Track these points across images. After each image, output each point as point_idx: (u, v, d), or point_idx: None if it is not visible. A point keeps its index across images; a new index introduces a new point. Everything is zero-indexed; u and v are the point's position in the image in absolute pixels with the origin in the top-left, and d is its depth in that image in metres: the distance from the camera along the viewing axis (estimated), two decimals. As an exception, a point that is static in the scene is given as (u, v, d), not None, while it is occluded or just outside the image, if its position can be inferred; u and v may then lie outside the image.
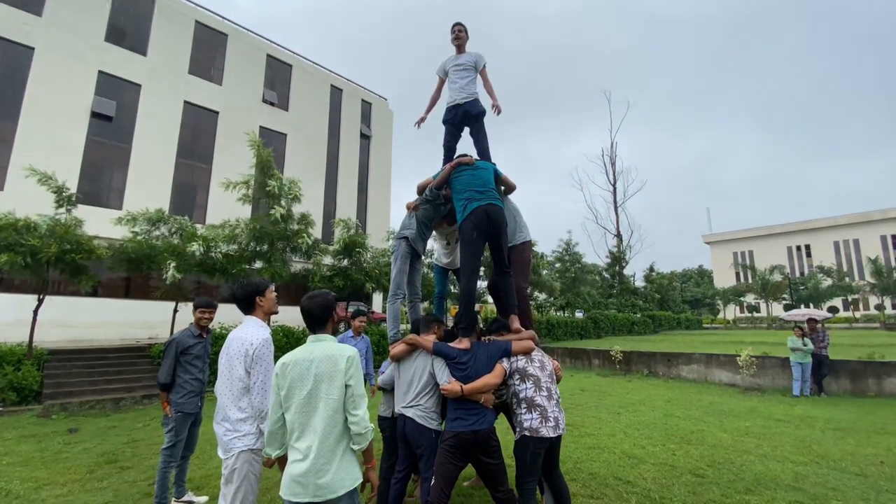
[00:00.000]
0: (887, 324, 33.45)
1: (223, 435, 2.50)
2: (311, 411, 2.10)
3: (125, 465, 5.14)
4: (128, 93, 17.70)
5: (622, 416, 7.44)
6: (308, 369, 2.13)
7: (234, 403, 2.50)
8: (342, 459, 2.10)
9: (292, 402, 2.12)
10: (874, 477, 4.44)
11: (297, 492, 2.05)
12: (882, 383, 9.00)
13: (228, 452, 2.46)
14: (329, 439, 2.08)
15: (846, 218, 54.16)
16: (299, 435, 2.11)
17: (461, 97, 4.24)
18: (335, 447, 2.09)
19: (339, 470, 2.08)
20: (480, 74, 4.32)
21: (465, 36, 4.37)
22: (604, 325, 26.28)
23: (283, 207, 12.12)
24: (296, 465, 2.07)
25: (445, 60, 4.44)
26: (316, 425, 2.08)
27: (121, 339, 14.28)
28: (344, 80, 26.60)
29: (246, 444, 2.47)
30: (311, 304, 2.27)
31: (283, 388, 2.14)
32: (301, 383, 2.12)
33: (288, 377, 2.14)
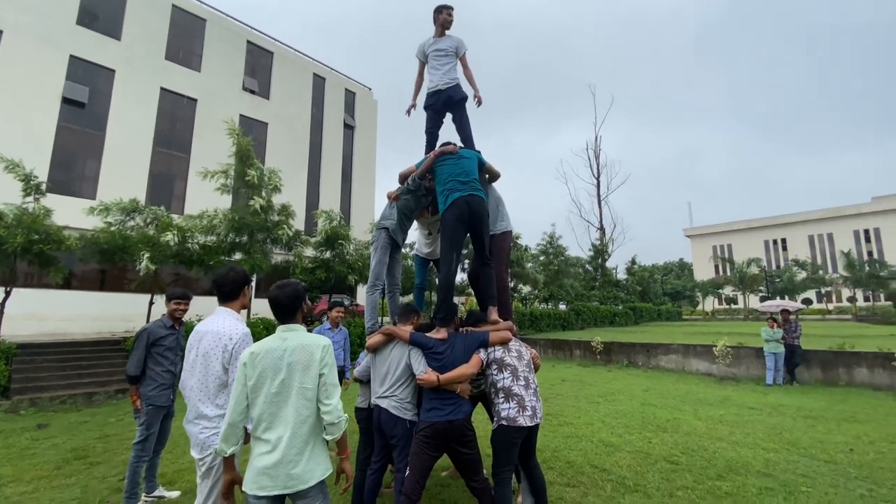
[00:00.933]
0: (859, 315, 34.61)
1: (199, 433, 2.39)
2: (282, 401, 2.06)
3: (95, 460, 5.00)
4: (101, 78, 17.10)
5: (601, 405, 7.54)
6: (281, 359, 2.08)
7: (211, 401, 2.39)
8: (313, 450, 2.07)
9: (261, 392, 2.06)
10: (843, 464, 4.57)
11: (266, 484, 1.99)
12: (852, 373, 9.30)
13: (206, 450, 2.37)
14: (302, 429, 2.05)
15: (820, 213, 55.70)
16: (268, 426, 2.06)
17: (443, 83, 4.17)
18: (307, 437, 2.06)
19: (311, 460, 2.05)
20: (460, 61, 4.25)
21: (451, 21, 4.28)
22: (586, 316, 26.59)
23: (263, 198, 11.89)
24: (264, 457, 2.02)
25: (424, 43, 4.34)
26: (287, 416, 2.04)
27: (96, 333, 13.90)
28: (327, 69, 26.15)
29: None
30: (280, 294, 2.21)
31: (251, 378, 2.07)
32: (273, 373, 2.07)
33: (258, 367, 2.08)
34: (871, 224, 51.29)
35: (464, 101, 4.20)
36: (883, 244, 49.10)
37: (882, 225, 50.12)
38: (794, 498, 3.71)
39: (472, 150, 3.88)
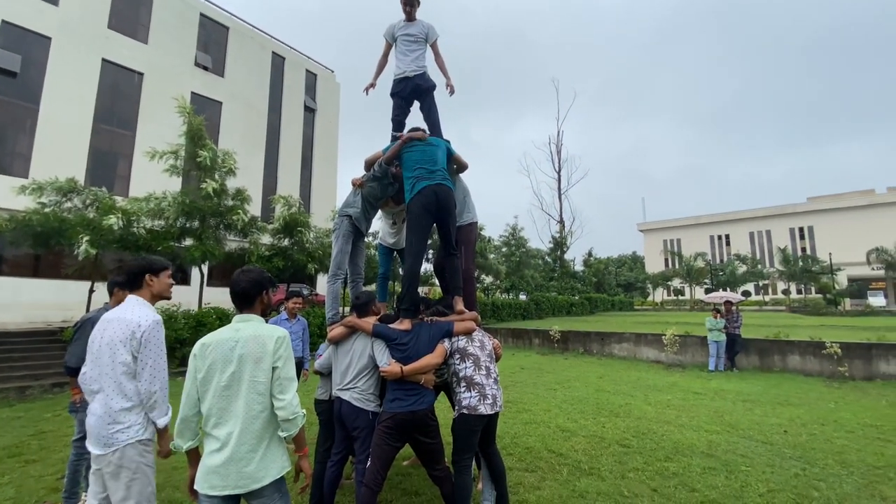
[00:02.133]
0: (792, 307, 37.41)
1: (100, 428, 2.17)
2: (232, 395, 1.96)
3: (31, 458, 4.66)
4: (36, 46, 15.67)
5: (558, 391, 7.78)
6: (232, 350, 1.99)
7: (117, 392, 2.21)
8: (268, 447, 1.98)
9: (210, 385, 1.97)
10: (779, 445, 4.91)
11: (216, 483, 1.90)
12: (786, 359, 10.04)
13: (109, 447, 2.15)
14: (253, 425, 1.95)
15: (761, 211, 59.43)
16: (217, 421, 1.96)
17: (411, 70, 4.07)
18: (261, 434, 1.97)
19: (265, 458, 1.96)
20: (432, 48, 4.17)
21: (418, 4, 4.15)
22: (545, 306, 27.31)
23: (216, 181, 11.34)
24: (214, 455, 1.93)
25: (394, 25, 4.20)
26: (238, 410, 1.95)
27: (29, 322, 12.89)
28: (287, 48, 25.14)
29: (130, 437, 2.19)
30: (242, 278, 2.14)
31: (200, 370, 1.99)
32: (223, 365, 1.98)
33: (208, 359, 1.99)
34: (805, 222, 55.25)
35: (432, 89, 4.13)
36: (816, 241, 53.02)
37: (815, 223, 54.09)
38: (735, 477, 3.97)
39: (441, 140, 3.83)
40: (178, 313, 10.50)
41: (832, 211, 52.38)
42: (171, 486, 3.87)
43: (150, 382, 2.22)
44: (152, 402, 2.24)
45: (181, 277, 18.14)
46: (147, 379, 2.22)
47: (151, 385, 2.23)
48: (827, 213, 52.89)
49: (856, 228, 48.74)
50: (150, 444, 2.28)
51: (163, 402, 2.28)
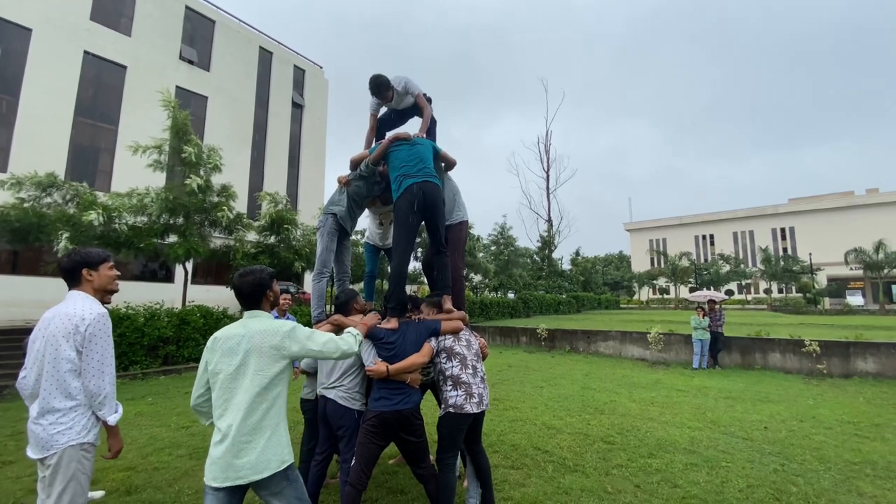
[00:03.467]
0: (773, 306, 38.18)
1: (39, 431, 2.05)
2: (235, 387, 2.02)
3: (8, 459, 4.55)
4: (15, 37, 15.25)
5: (544, 389, 7.83)
6: (238, 344, 2.05)
7: (60, 391, 2.09)
8: (270, 439, 2.01)
9: (218, 377, 2.04)
10: (759, 441, 5.01)
11: (217, 475, 1.93)
12: (767, 357, 10.25)
13: (47, 450, 2.04)
14: (252, 416, 1.99)
15: (744, 211, 60.53)
16: (221, 413, 2.02)
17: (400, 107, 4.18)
18: (259, 424, 2.00)
19: (266, 450, 1.98)
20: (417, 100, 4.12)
21: (392, 93, 4.00)
22: (533, 305, 27.47)
23: (200, 177, 11.15)
24: (217, 446, 1.98)
25: (373, 103, 4.12)
26: (240, 402, 1.99)
27: (8, 321, 12.56)
28: (275, 43, 24.83)
29: (72, 438, 2.07)
30: (241, 283, 2.21)
31: (211, 362, 2.08)
32: (229, 358, 2.04)
33: (217, 352, 2.07)
34: (787, 223, 56.40)
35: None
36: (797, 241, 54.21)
37: (796, 224, 55.27)
38: (716, 472, 4.04)
39: (428, 140, 3.83)
40: (161, 311, 10.32)
41: (813, 212, 53.57)
42: (152, 486, 3.81)
43: (98, 378, 2.13)
44: (101, 400, 2.14)
45: (164, 275, 17.86)
46: (94, 375, 2.13)
47: (100, 380, 2.14)
48: (807, 215, 54.08)
49: (835, 229, 49.93)
50: (92, 449, 2.17)
51: (112, 398, 2.19)
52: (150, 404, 6.99)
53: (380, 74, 3.89)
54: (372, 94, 3.97)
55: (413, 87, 3.99)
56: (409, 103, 4.11)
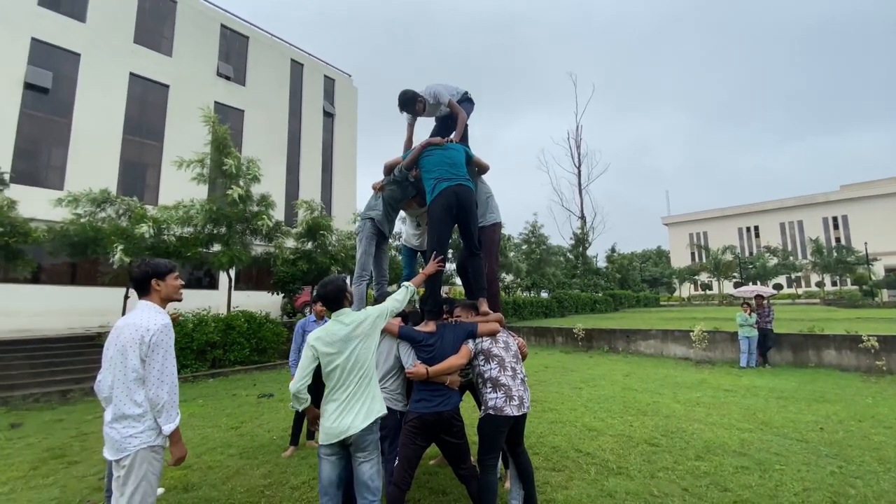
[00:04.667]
0: (826, 300, 36.03)
1: (114, 434, 2.22)
2: (355, 365, 2.57)
3: (73, 459, 4.87)
4: (66, 63, 16.31)
5: (583, 390, 7.70)
6: (350, 338, 2.60)
7: (129, 398, 2.23)
8: (374, 399, 2.63)
9: (333, 365, 2.56)
10: (815, 442, 4.75)
11: (338, 433, 2.50)
12: (821, 354, 9.70)
13: (122, 452, 2.20)
14: (361, 386, 2.59)
15: (791, 201, 57.41)
16: (341, 389, 2.56)
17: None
18: (364, 392, 2.59)
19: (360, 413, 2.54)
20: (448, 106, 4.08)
21: (423, 104, 3.99)
22: (567, 304, 26.99)
23: (241, 188, 11.61)
24: (330, 416, 2.53)
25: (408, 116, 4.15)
26: (354, 378, 2.56)
27: (68, 328, 13.47)
28: (305, 55, 25.53)
29: (143, 442, 2.22)
30: (325, 291, 2.74)
31: (321, 356, 2.58)
32: (338, 350, 2.57)
33: (327, 347, 2.57)
34: (839, 211, 53.14)
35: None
36: (850, 230, 50.98)
37: (849, 212, 51.99)
38: (769, 476, 3.86)
39: (461, 144, 3.85)
40: (208, 317, 10.81)
41: (867, 199, 50.25)
42: (207, 484, 4.00)
43: (157, 387, 2.24)
44: (159, 408, 2.25)
45: (209, 282, 18.67)
46: (154, 384, 2.24)
47: (159, 390, 2.24)
48: (861, 202, 50.76)
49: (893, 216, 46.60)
50: (161, 451, 2.32)
51: (171, 408, 2.29)
52: (200, 406, 7.32)
53: (405, 90, 3.90)
54: (401, 111, 3.99)
55: (443, 96, 3.96)
56: (446, 110, 4.10)
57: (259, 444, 5.22)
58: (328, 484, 2.55)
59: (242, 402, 7.63)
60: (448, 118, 4.13)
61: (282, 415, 6.53)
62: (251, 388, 8.88)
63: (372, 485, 2.53)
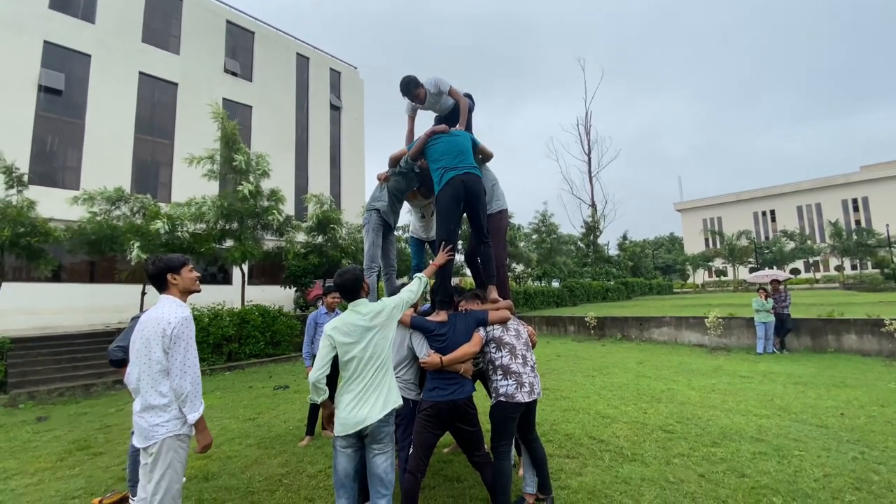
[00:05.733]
0: (846, 284, 35.29)
1: (143, 424, 2.31)
2: (372, 356, 2.56)
3: (98, 450, 5.01)
4: (77, 64, 16.53)
5: (596, 378, 7.67)
6: (368, 328, 2.59)
7: (155, 389, 2.31)
8: (390, 390, 2.60)
9: (350, 355, 2.54)
10: (835, 428, 4.67)
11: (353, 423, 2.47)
12: (841, 339, 9.51)
13: (149, 440, 2.28)
14: (376, 380, 2.55)
15: (809, 183, 56.11)
16: (358, 379, 2.54)
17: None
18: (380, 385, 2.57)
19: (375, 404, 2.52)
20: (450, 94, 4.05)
21: (423, 91, 3.96)
22: (579, 293, 26.85)
23: (251, 183, 11.71)
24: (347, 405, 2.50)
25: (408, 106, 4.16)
26: (371, 368, 2.55)
27: (88, 325, 13.80)
28: (310, 48, 25.49)
29: (170, 431, 2.30)
30: (342, 281, 2.74)
31: (338, 346, 2.56)
32: (359, 339, 2.56)
33: (345, 337, 2.55)
34: (859, 193, 51.85)
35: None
36: (871, 213, 49.74)
37: (870, 193, 50.69)
38: (788, 462, 3.82)
39: (465, 132, 3.83)
40: (223, 311, 10.98)
41: (889, 179, 48.85)
42: (227, 473, 4.09)
43: (180, 378, 2.31)
44: (183, 398, 2.31)
45: (223, 277, 18.93)
46: (177, 375, 2.30)
47: (182, 380, 2.31)
48: (883, 182, 49.47)
49: (916, 197, 45.32)
50: (187, 439, 2.39)
51: (194, 398, 2.35)
52: (218, 398, 7.47)
53: (407, 75, 3.91)
54: (403, 95, 3.98)
55: (444, 84, 3.96)
56: (449, 104, 4.08)
57: (276, 434, 5.31)
58: (344, 476, 2.53)
59: (259, 393, 7.76)
60: (450, 114, 4.10)
61: (297, 406, 6.63)
62: (267, 380, 9.03)
63: (386, 478, 2.51)
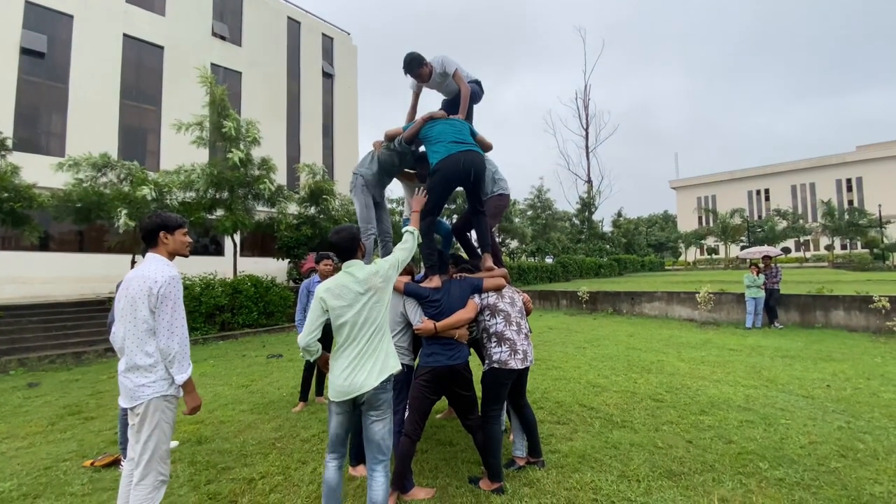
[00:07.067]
0: (835, 263, 35.73)
1: (127, 384, 2.25)
2: (367, 320, 2.42)
3: (89, 415, 5.01)
4: (60, 25, 15.78)
5: (587, 350, 7.76)
6: (359, 295, 2.43)
7: (141, 349, 2.26)
8: (387, 356, 2.47)
9: (342, 319, 2.40)
10: (821, 399, 4.75)
11: (345, 391, 2.36)
12: (829, 315, 9.65)
13: (135, 401, 2.23)
14: (374, 341, 2.43)
15: (805, 162, 56.00)
16: (352, 343, 2.40)
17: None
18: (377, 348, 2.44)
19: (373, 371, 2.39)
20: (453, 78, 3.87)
21: (428, 70, 3.82)
22: (572, 269, 27.00)
23: (241, 151, 11.43)
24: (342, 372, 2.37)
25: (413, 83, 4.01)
26: (366, 333, 2.41)
27: (79, 294, 13.69)
28: (301, 12, 24.56)
29: (156, 391, 2.24)
30: (338, 238, 2.57)
31: (331, 309, 2.42)
32: (353, 302, 2.41)
33: (337, 300, 2.41)
34: (853, 173, 51.88)
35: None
36: (864, 193, 49.91)
37: (864, 173, 50.76)
38: (774, 429, 3.88)
39: (464, 121, 3.69)
40: (215, 281, 10.90)
41: (884, 160, 48.88)
42: (220, 438, 4.10)
43: (168, 338, 2.24)
44: (171, 358, 2.26)
45: (215, 249, 18.74)
46: (164, 335, 2.24)
47: (170, 341, 2.24)
48: (878, 163, 49.46)
49: (910, 178, 45.50)
50: (175, 400, 2.34)
51: (182, 359, 2.29)
52: (211, 366, 7.47)
53: (412, 52, 3.77)
54: (406, 73, 3.84)
55: (449, 65, 3.79)
56: (453, 88, 3.91)
57: (269, 400, 5.33)
58: (336, 441, 2.45)
59: (252, 362, 7.78)
60: (453, 102, 3.95)
61: (291, 373, 6.66)
62: (260, 349, 9.04)
63: (383, 444, 2.42)
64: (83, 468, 3.53)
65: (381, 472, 2.38)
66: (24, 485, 3.26)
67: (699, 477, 3.05)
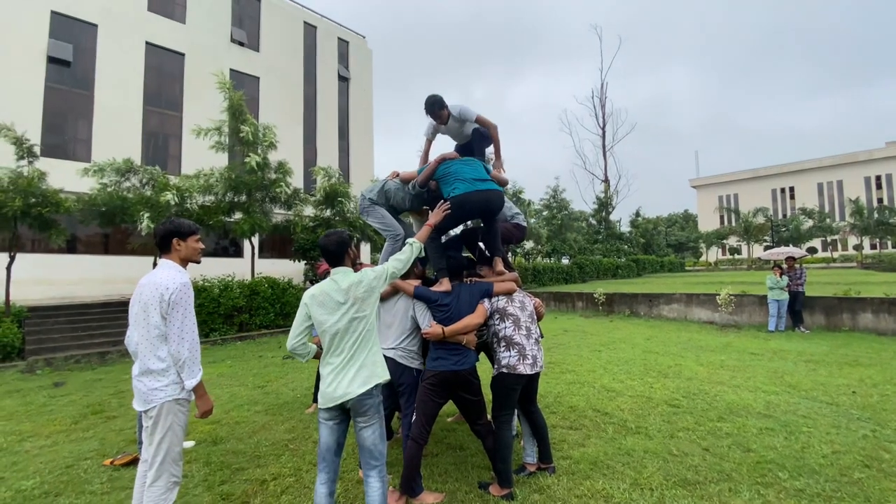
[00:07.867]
0: (864, 263, 34.51)
1: (142, 388, 2.31)
2: (347, 330, 2.38)
3: (111, 414, 5.15)
4: (84, 34, 16.30)
5: (603, 353, 7.64)
6: (342, 302, 2.40)
7: (153, 353, 2.30)
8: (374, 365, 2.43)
9: (325, 326, 2.39)
10: (846, 406, 4.59)
11: (334, 397, 2.34)
12: (856, 318, 9.32)
13: (149, 404, 2.28)
14: (358, 350, 2.39)
15: (831, 159, 54.35)
16: (336, 351, 2.39)
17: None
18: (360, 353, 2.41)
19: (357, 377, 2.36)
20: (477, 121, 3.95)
21: (447, 113, 3.88)
22: (589, 270, 26.68)
23: (258, 155, 11.60)
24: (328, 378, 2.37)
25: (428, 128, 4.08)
26: (347, 342, 2.38)
27: (105, 296, 14.08)
28: (318, 17, 24.86)
29: (168, 395, 2.29)
30: (327, 241, 2.53)
31: (314, 315, 2.42)
32: (334, 310, 2.39)
33: (320, 307, 2.40)
34: (883, 170, 50.15)
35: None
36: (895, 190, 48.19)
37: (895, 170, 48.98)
38: (795, 437, 3.76)
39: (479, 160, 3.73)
40: (233, 283, 11.10)
41: (915, 156, 47.06)
42: (234, 438, 4.17)
43: (178, 344, 2.28)
44: (181, 364, 2.29)
45: (234, 251, 19.10)
46: (175, 340, 2.28)
47: (180, 346, 2.28)
48: (910, 159, 47.61)
49: (944, 174, 43.67)
50: (187, 403, 2.39)
51: (192, 364, 2.32)
52: (229, 367, 7.61)
53: (434, 94, 3.83)
54: (427, 113, 3.89)
55: (469, 114, 3.88)
56: (467, 133, 3.97)
57: (283, 401, 5.40)
58: (326, 450, 2.41)
59: (268, 363, 7.89)
60: (466, 147, 3.99)
61: (305, 374, 6.73)
62: (277, 350, 9.17)
63: (375, 449, 2.40)
64: (103, 467, 3.63)
65: (375, 478, 2.38)
66: (45, 483, 3.37)
67: (715, 486, 2.97)
